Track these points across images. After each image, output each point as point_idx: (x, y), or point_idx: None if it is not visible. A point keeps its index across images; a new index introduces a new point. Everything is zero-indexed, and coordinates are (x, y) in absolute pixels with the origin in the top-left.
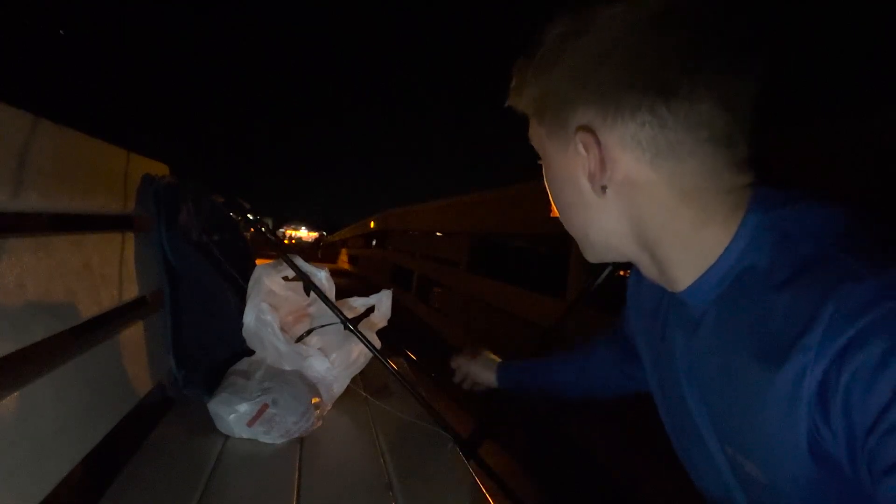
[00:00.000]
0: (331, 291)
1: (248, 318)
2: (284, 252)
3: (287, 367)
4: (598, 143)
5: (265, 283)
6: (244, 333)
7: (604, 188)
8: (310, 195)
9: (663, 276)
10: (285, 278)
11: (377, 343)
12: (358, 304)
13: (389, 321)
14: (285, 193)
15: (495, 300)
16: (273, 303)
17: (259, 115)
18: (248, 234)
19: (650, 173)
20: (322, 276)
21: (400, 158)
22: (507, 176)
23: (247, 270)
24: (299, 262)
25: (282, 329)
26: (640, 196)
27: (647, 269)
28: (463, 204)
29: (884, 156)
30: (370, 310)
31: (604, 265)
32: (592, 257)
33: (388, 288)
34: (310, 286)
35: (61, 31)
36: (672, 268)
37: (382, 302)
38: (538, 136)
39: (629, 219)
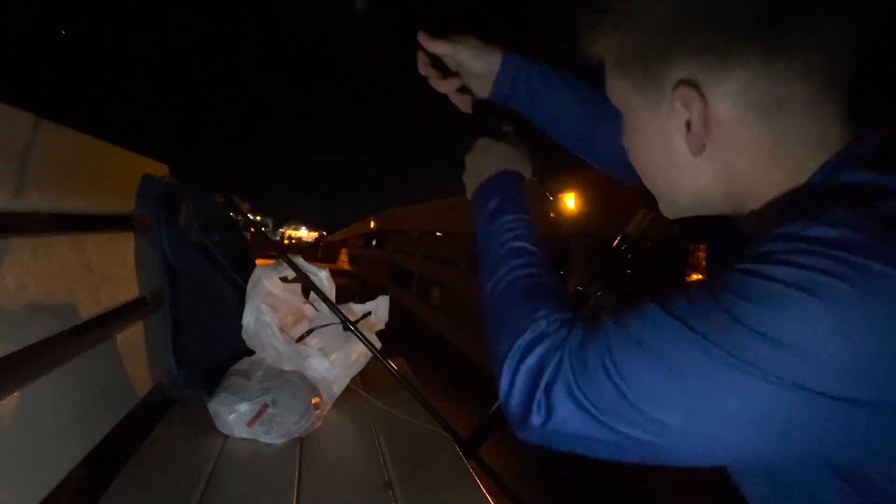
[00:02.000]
0: (331, 292)
1: (248, 318)
2: (284, 252)
3: (287, 368)
4: (703, 99)
5: (264, 283)
6: (244, 334)
7: (702, 147)
8: (310, 195)
9: (746, 226)
10: (284, 279)
11: (377, 343)
12: (357, 310)
13: (389, 321)
14: (285, 193)
15: None
16: (272, 304)
17: (259, 114)
18: (247, 234)
19: (755, 131)
20: (322, 277)
21: (400, 158)
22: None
23: (247, 270)
24: (299, 262)
25: (281, 330)
26: (738, 154)
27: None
28: (463, 204)
29: None
30: (367, 315)
31: (601, 271)
32: (672, 214)
33: (388, 288)
34: (309, 286)
35: (62, 31)
36: (755, 221)
37: (380, 307)
38: (618, 89)
39: (723, 177)
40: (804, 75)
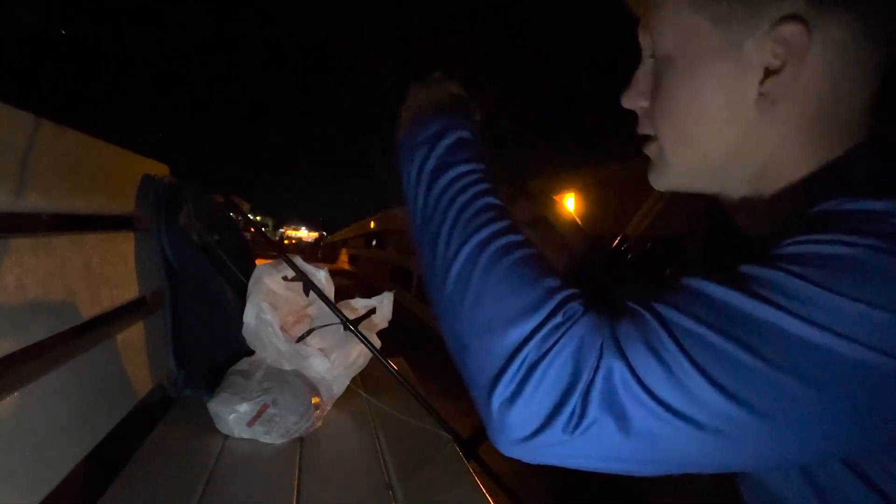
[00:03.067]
0: (330, 291)
1: (249, 317)
2: (283, 252)
3: (287, 367)
4: (809, 39)
5: (265, 282)
6: (244, 333)
7: (778, 99)
8: (310, 195)
9: (750, 217)
10: (285, 278)
11: (377, 343)
12: (359, 305)
13: (389, 321)
14: (285, 193)
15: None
16: (273, 303)
17: (260, 114)
18: (247, 235)
19: (824, 98)
20: (321, 276)
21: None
22: (507, 175)
23: (247, 270)
24: (299, 262)
25: (282, 329)
26: (802, 117)
27: (733, 207)
28: None
29: None
30: (371, 311)
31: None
32: (676, 182)
33: (389, 288)
34: (309, 286)
35: (62, 32)
36: (773, 203)
37: (384, 304)
38: (683, 24)
39: (766, 143)
40: (886, 48)
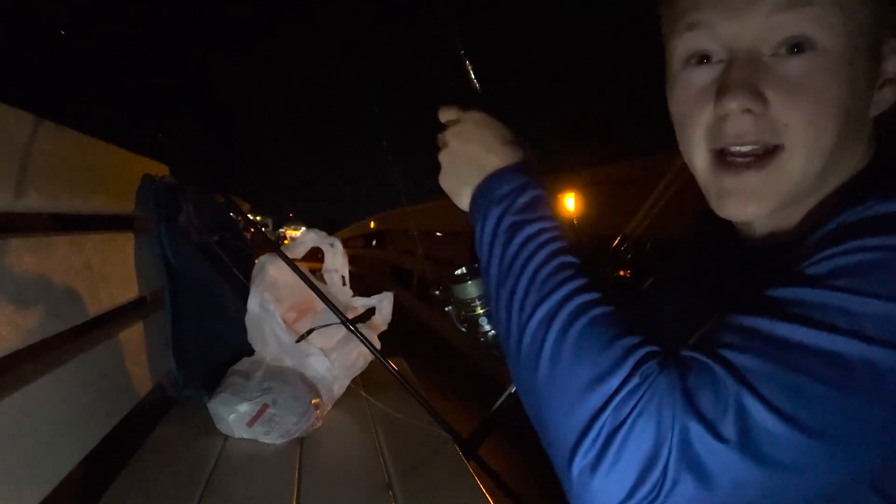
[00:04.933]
0: (344, 267)
1: (252, 304)
2: (283, 252)
3: (287, 361)
4: None
5: (270, 272)
6: (246, 321)
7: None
8: (310, 195)
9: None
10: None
11: (377, 344)
12: (359, 304)
13: (389, 322)
14: (285, 193)
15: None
16: (276, 295)
17: (260, 114)
18: (247, 235)
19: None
20: (337, 248)
21: (401, 158)
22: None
23: (247, 270)
24: (312, 234)
25: (284, 321)
26: (866, 138)
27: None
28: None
29: None
30: (371, 311)
31: (602, 268)
32: (782, 202)
33: (388, 288)
34: (308, 286)
35: (62, 31)
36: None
37: (384, 305)
38: (853, 17)
39: (858, 146)
40: None
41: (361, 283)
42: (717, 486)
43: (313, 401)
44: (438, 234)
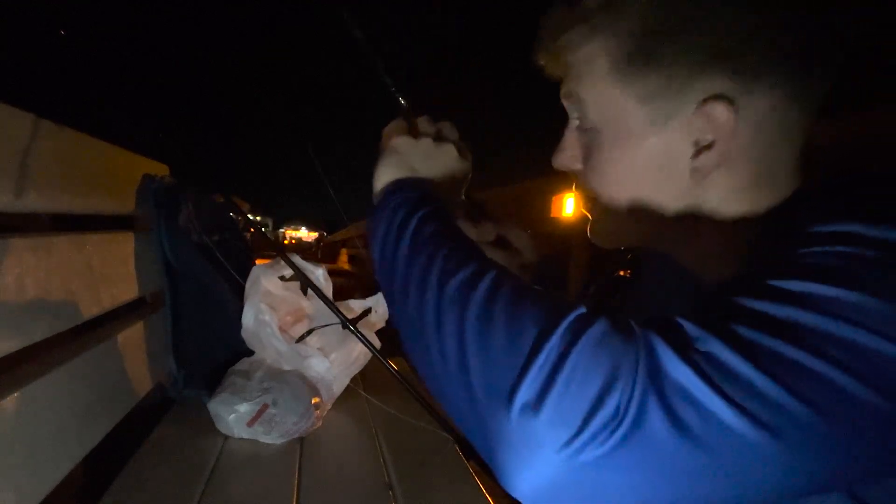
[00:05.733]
0: (328, 290)
1: (247, 318)
2: (283, 252)
3: (287, 367)
4: (736, 118)
5: (263, 283)
6: (243, 334)
7: (711, 171)
8: (310, 195)
9: (702, 264)
10: (282, 278)
11: (377, 343)
12: (355, 306)
13: (389, 319)
14: (285, 193)
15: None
16: (271, 303)
17: (260, 114)
18: (247, 235)
19: (755, 162)
20: (319, 275)
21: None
22: (507, 175)
23: (247, 270)
24: (297, 260)
25: (280, 329)
26: (734, 179)
27: (681, 255)
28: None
29: None
30: (367, 311)
31: (603, 267)
32: (614, 241)
33: None
34: (307, 285)
35: (62, 32)
36: (713, 251)
37: (380, 303)
38: (610, 97)
39: (705, 203)
40: (809, 108)
41: (361, 283)
42: (688, 426)
43: (313, 401)
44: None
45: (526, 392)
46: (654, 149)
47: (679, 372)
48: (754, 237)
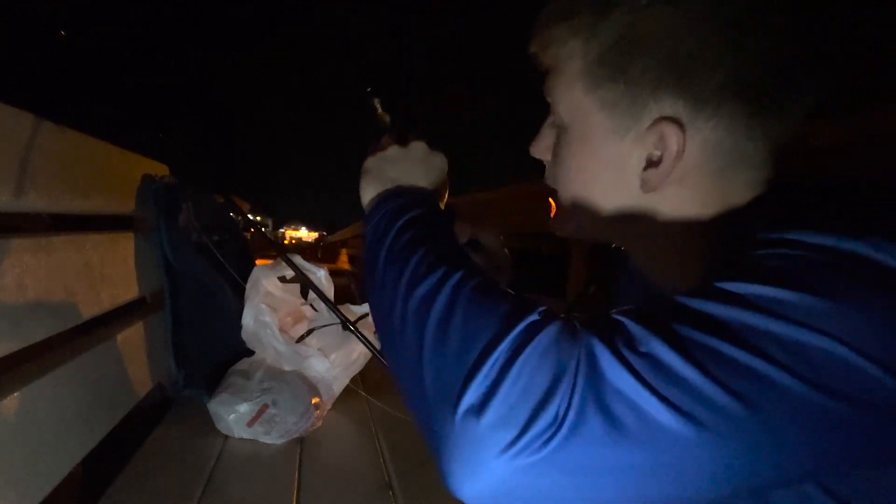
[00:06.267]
0: (329, 291)
1: (247, 319)
2: (283, 252)
3: (287, 368)
4: (684, 140)
5: (263, 284)
6: (243, 334)
7: (658, 186)
8: (310, 195)
9: (663, 270)
10: (283, 279)
11: (377, 343)
12: (353, 311)
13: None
14: (285, 193)
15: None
16: (271, 304)
17: (260, 115)
18: (247, 235)
19: (707, 182)
20: (320, 276)
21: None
22: (507, 175)
23: (246, 271)
24: (298, 261)
25: (281, 330)
26: (685, 198)
27: (641, 260)
28: (462, 204)
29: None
30: (365, 316)
31: (605, 267)
32: (571, 232)
33: None
34: (308, 286)
35: (62, 32)
36: (667, 263)
37: None
38: (579, 101)
39: (661, 214)
40: (770, 140)
41: (362, 284)
42: (624, 427)
43: (313, 401)
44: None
45: (471, 395)
46: (610, 155)
47: (616, 374)
48: (707, 247)
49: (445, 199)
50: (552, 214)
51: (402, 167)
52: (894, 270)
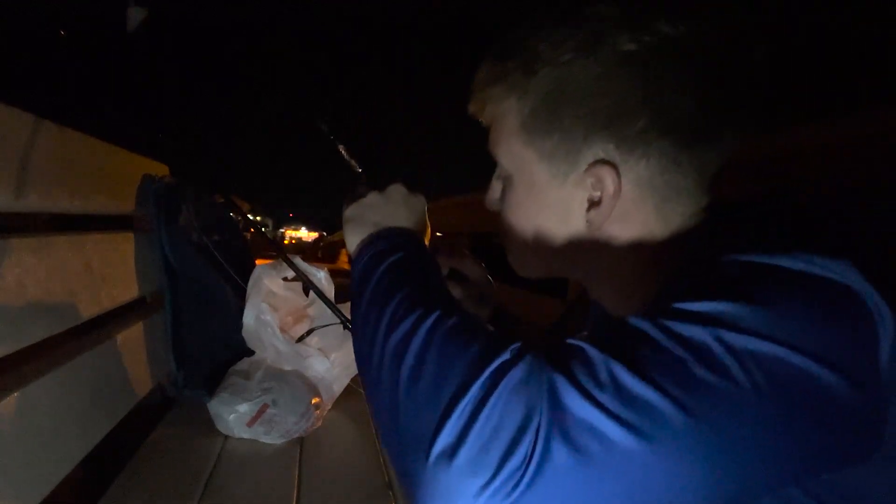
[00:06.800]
0: (330, 292)
1: (248, 318)
2: (283, 252)
3: (287, 368)
4: (619, 180)
5: (265, 283)
6: (244, 334)
7: (601, 225)
8: (310, 195)
9: (616, 302)
10: (284, 279)
11: None
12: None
13: None
14: (286, 193)
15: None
16: (272, 303)
17: (260, 115)
18: (247, 235)
19: (651, 213)
20: (321, 277)
21: (402, 158)
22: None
23: (246, 271)
24: (298, 262)
25: (281, 329)
26: (629, 232)
27: (595, 293)
28: (463, 204)
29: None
30: None
31: None
32: (528, 272)
33: None
34: (309, 286)
35: (62, 32)
36: (621, 293)
37: None
38: (518, 153)
39: (607, 250)
40: (701, 170)
41: None
42: (590, 455)
43: (313, 401)
44: (438, 234)
45: (443, 440)
46: (554, 200)
47: (578, 405)
48: (656, 274)
49: (428, 238)
50: (509, 259)
51: (383, 211)
52: (819, 276)
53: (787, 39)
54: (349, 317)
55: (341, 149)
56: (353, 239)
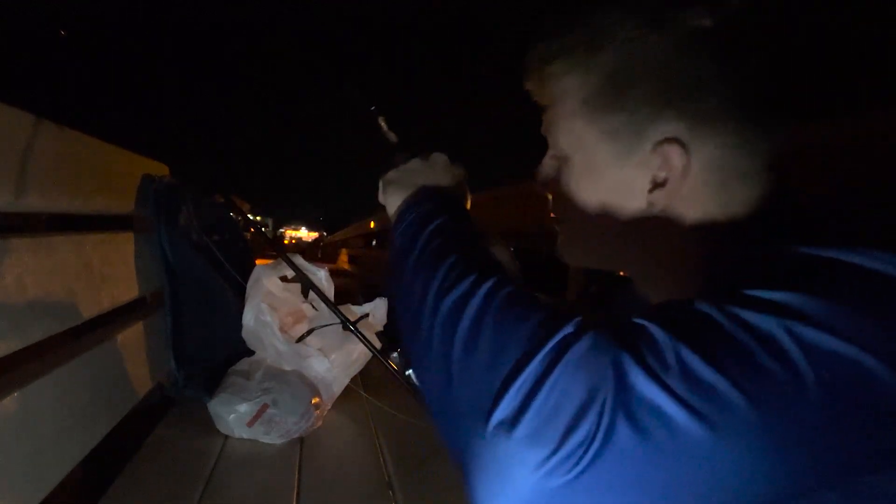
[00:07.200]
0: (329, 291)
1: (248, 318)
2: (283, 252)
3: (287, 367)
4: (689, 159)
5: (264, 283)
6: (243, 334)
7: (666, 205)
8: (310, 195)
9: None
10: (283, 279)
11: (377, 343)
12: (353, 311)
13: (388, 320)
14: (286, 193)
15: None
16: (272, 303)
17: (260, 115)
18: (247, 235)
19: (711, 197)
20: (321, 276)
21: (401, 158)
22: (507, 175)
23: (246, 270)
24: (299, 261)
25: (281, 329)
26: (690, 215)
27: (641, 282)
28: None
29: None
30: (365, 316)
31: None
32: (580, 260)
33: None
34: (309, 286)
35: (62, 32)
36: (674, 279)
37: (378, 308)
38: (579, 131)
39: (664, 234)
40: (769, 153)
41: (362, 283)
42: (653, 437)
43: (313, 401)
44: None
45: (503, 410)
46: (615, 181)
47: (644, 386)
48: (712, 261)
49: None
50: (558, 244)
51: (427, 176)
52: (889, 276)
53: (787, 40)
54: (349, 317)
55: (381, 120)
56: (394, 199)
